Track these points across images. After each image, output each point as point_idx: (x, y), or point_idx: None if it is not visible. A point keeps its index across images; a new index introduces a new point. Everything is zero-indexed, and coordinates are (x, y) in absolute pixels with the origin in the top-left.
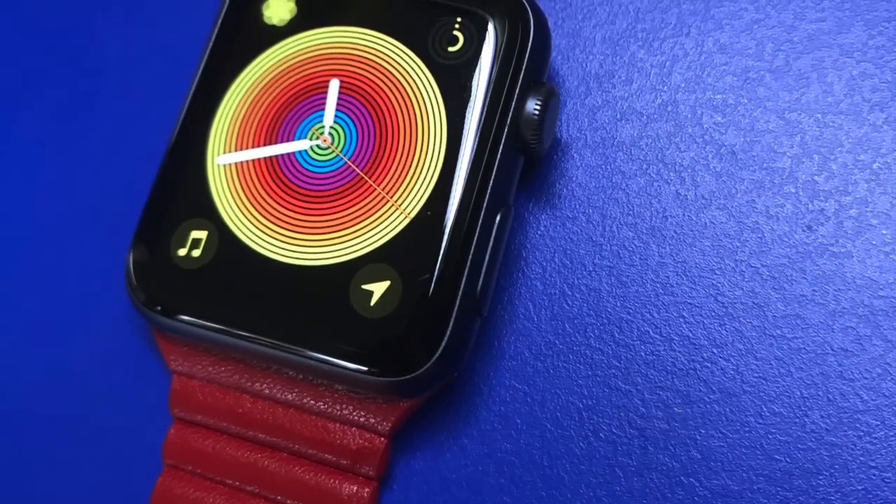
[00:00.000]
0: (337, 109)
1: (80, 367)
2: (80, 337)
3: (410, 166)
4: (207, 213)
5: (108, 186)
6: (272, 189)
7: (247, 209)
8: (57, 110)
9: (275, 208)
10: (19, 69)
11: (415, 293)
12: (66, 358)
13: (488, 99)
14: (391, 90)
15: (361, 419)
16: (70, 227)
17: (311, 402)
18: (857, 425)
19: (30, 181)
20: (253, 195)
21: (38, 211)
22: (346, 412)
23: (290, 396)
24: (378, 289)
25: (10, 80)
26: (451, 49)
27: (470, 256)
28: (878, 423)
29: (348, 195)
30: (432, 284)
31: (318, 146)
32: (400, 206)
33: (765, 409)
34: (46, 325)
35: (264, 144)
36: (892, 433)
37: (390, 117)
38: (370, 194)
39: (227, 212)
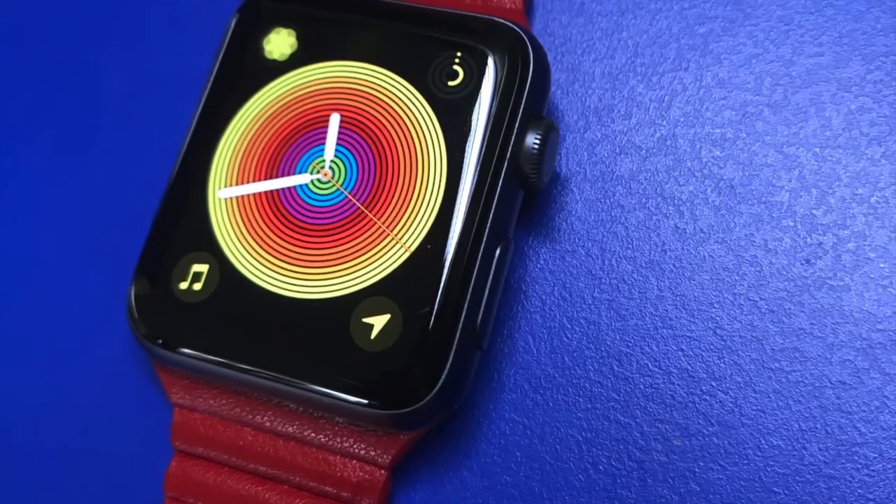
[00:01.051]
0: (337, 144)
1: (82, 399)
2: (82, 369)
3: (410, 200)
4: (209, 247)
5: (109, 219)
6: (273, 223)
7: (248, 243)
8: (59, 143)
9: (276, 242)
10: (22, 102)
11: (415, 326)
12: (68, 390)
13: (488, 133)
14: (391, 124)
15: (362, 452)
16: (72, 260)
17: (312, 434)
18: (856, 458)
19: (32, 213)
20: (254, 229)
21: (40, 243)
22: (346, 445)
23: (290, 429)
24: (378, 322)
25: (12, 113)
26: (451, 83)
27: (470, 290)
28: (876, 455)
29: (349, 229)
30: (432, 318)
31: (318, 180)
32: (400, 239)
33: (763, 441)
34: (48, 358)
35: (265, 178)
36: (890, 466)
37: (390, 151)
38: (370, 228)
39: (228, 245)
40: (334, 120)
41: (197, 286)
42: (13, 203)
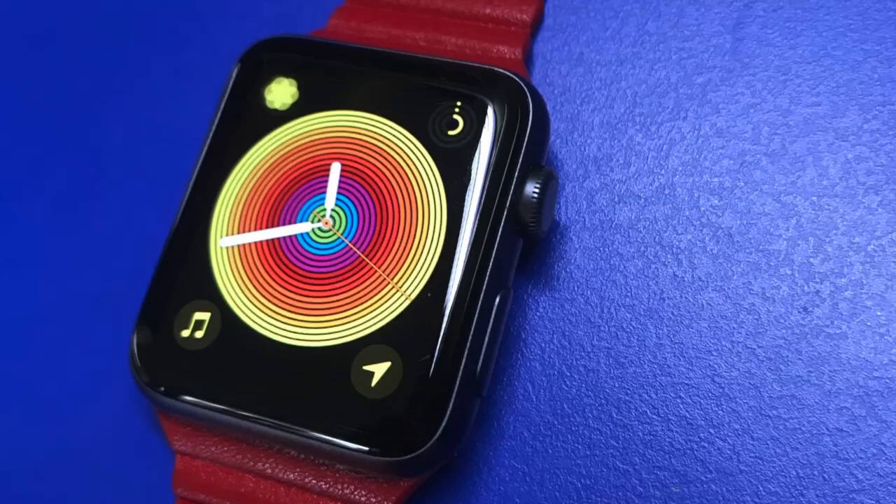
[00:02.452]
0: (338, 192)
1: (84, 447)
2: (84, 417)
3: (411, 249)
4: (210, 295)
5: (112, 268)
6: (274, 271)
7: (249, 291)
8: (61, 194)
9: (277, 290)
10: (25, 153)
11: (415, 374)
12: (70, 437)
13: (488, 182)
14: (392, 173)
15: (363, 498)
16: (75, 309)
17: (314, 481)
18: None
19: (35, 263)
20: (255, 277)
21: (43, 292)
22: (347, 492)
23: (292, 476)
24: (379, 370)
25: (15, 165)
26: (451, 133)
27: (470, 338)
28: (874, 502)
29: (350, 277)
30: (433, 365)
31: (319, 229)
32: (400, 287)
33: (761, 488)
34: (51, 406)
35: (267, 227)
36: None
37: (391, 200)
38: (371, 276)
39: (229, 294)
40: (335, 169)
41: (199, 334)
42: (16, 252)
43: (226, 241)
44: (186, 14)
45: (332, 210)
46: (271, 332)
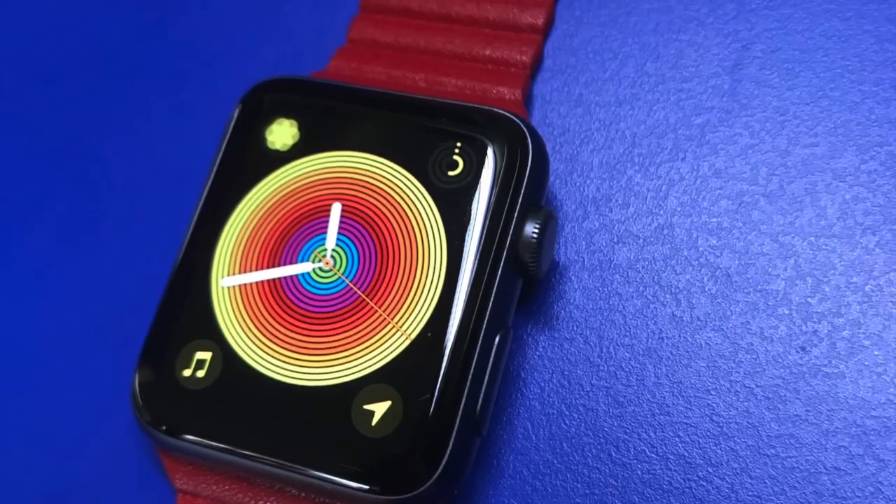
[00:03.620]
0: (339, 233)
1: (86, 485)
2: (86, 454)
3: (411, 288)
4: (212, 335)
5: (113, 306)
6: (275, 311)
7: (250, 331)
8: (64, 231)
9: (278, 330)
10: (27, 191)
11: (416, 413)
12: (71, 474)
13: (487, 222)
14: (392, 214)
15: None
16: (76, 347)
17: None
18: None
19: (37, 301)
20: (256, 317)
21: (45, 330)
22: None
23: None
24: (379, 409)
25: (18, 202)
26: (450, 173)
27: (470, 377)
28: None
29: (350, 317)
30: (433, 405)
31: (320, 269)
32: (401, 327)
33: None
34: (51, 441)
35: (268, 267)
36: None
37: (391, 240)
38: (371, 316)
39: (230, 333)
40: (336, 209)
41: (200, 373)
42: (18, 289)
43: (227, 281)
44: (189, 54)
45: (333, 250)
46: (272, 371)
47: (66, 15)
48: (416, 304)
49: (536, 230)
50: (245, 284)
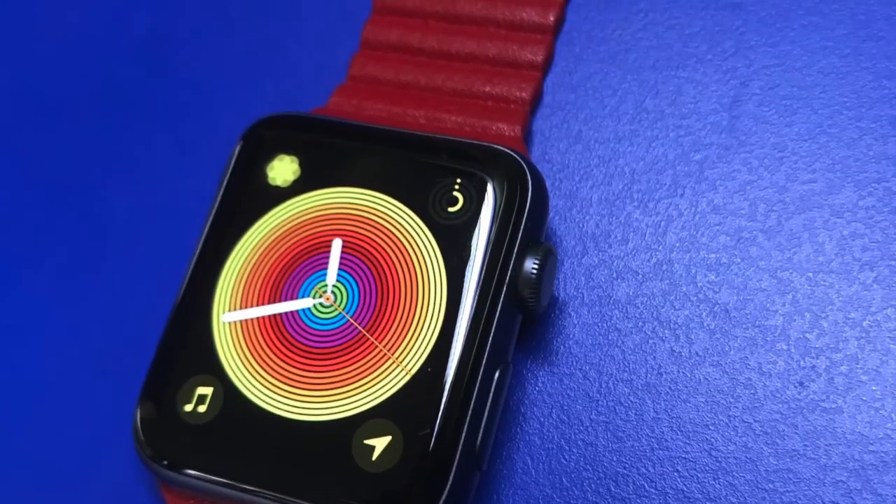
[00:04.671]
0: (339, 268)
1: None
2: (87, 488)
3: (411, 324)
4: (213, 370)
5: (115, 342)
6: (276, 346)
7: (251, 366)
8: (66, 267)
9: (279, 365)
10: (29, 226)
11: (416, 448)
12: None
13: (487, 258)
14: (392, 249)
15: None
16: (78, 381)
17: None
18: None
19: (39, 336)
20: (257, 352)
21: (47, 364)
22: None
23: None
24: (380, 444)
25: (20, 235)
26: (450, 209)
27: (469, 412)
28: None
29: (351, 352)
30: (433, 440)
31: (321, 304)
32: (401, 362)
33: None
34: (53, 475)
35: (268, 303)
36: None
37: (391, 276)
38: (372, 351)
39: (232, 368)
40: (336, 245)
41: (202, 408)
42: (21, 325)
43: (228, 316)
44: (190, 91)
45: (334, 286)
46: (273, 406)
47: (68, 51)
48: (417, 339)
49: (536, 266)
50: (246, 320)
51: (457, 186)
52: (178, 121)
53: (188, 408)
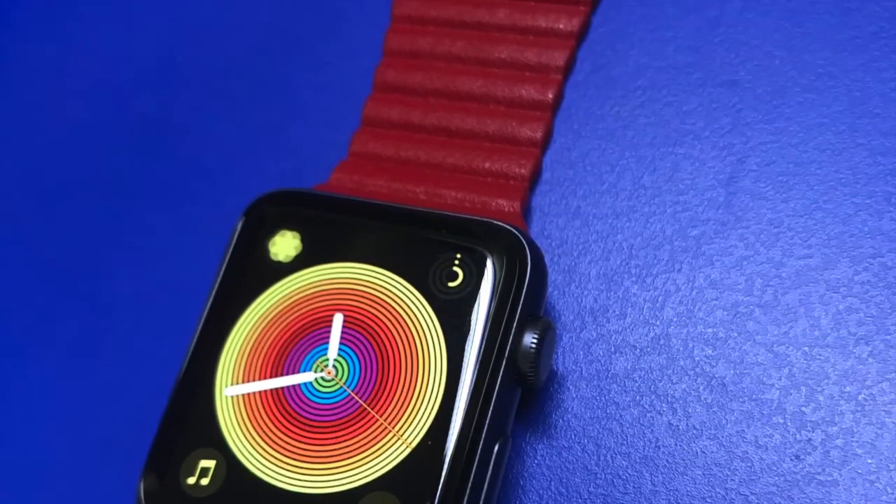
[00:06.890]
0: (341, 343)
1: None
2: None
3: (412, 398)
4: (216, 443)
5: (119, 419)
6: (278, 420)
7: (254, 439)
8: (71, 346)
9: (281, 438)
10: (34, 307)
11: None
12: None
13: (487, 333)
14: (393, 324)
15: None
16: (82, 459)
17: None
18: None
19: (43, 414)
20: (259, 425)
21: (51, 442)
22: None
23: None
24: None
25: (26, 315)
26: (450, 284)
27: (469, 485)
28: None
29: (352, 425)
30: None
31: (322, 378)
32: (401, 435)
33: None
34: None
35: (271, 377)
36: None
37: (392, 350)
38: (373, 424)
39: (234, 441)
40: (337, 320)
41: (204, 481)
42: (25, 402)
43: (230, 390)
44: (193, 171)
45: (335, 360)
46: (275, 479)
47: (69, 134)
48: (417, 412)
49: (535, 341)
50: (249, 393)
51: (457, 262)
52: (180, 202)
53: (191, 481)
